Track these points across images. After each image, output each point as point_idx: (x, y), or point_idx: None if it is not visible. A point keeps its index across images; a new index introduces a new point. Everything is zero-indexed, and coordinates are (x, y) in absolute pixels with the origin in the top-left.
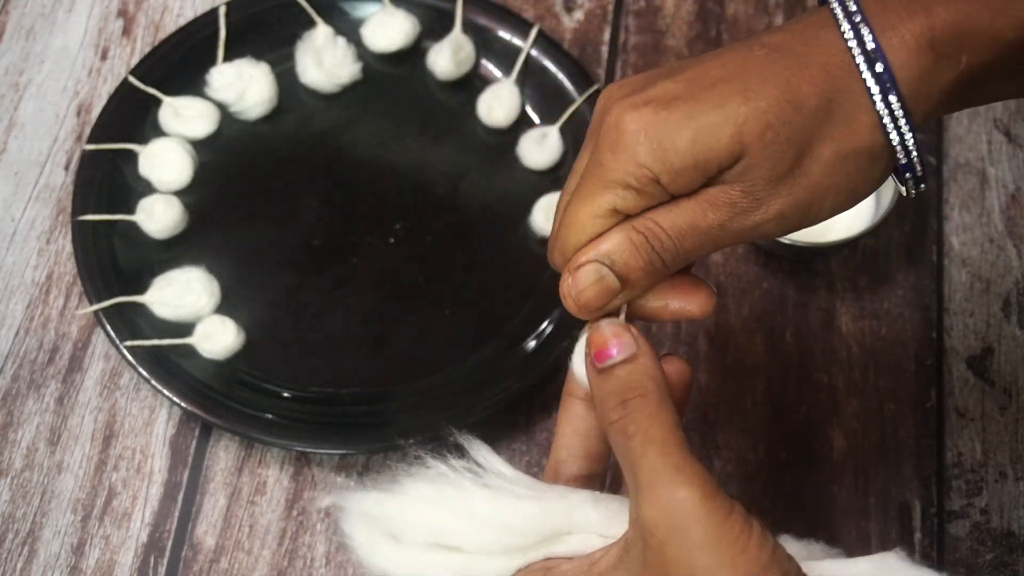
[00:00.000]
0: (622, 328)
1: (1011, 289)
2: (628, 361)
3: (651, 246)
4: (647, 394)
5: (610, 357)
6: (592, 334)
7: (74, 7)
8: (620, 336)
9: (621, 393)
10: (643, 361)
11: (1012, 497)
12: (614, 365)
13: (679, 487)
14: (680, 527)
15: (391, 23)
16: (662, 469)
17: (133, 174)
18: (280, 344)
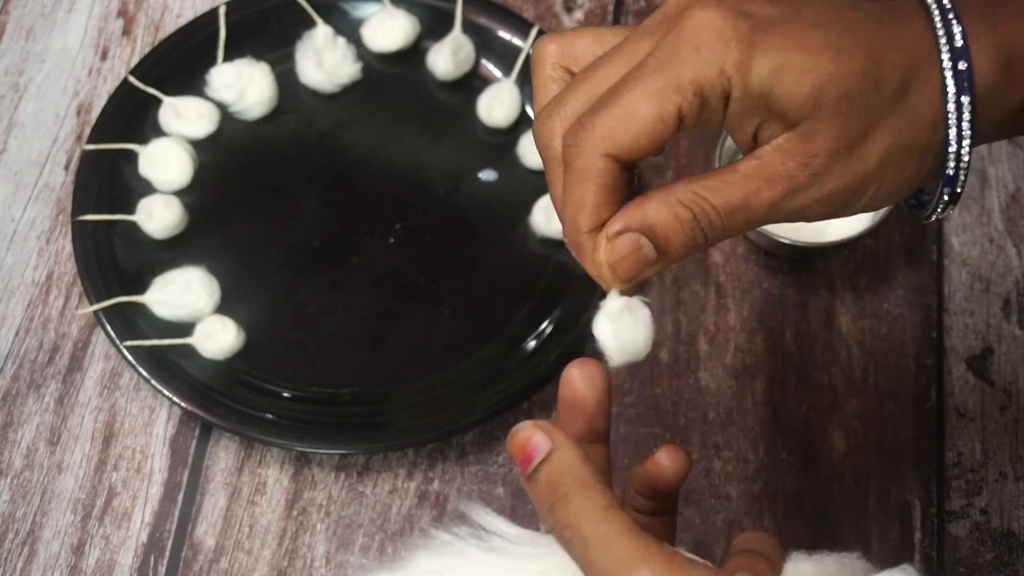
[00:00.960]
0: (533, 428)
1: (1011, 289)
2: (545, 461)
3: (698, 222)
4: (567, 492)
5: (531, 462)
6: (509, 442)
7: (74, 7)
8: (533, 436)
9: (546, 499)
10: (557, 455)
11: (1012, 497)
12: (536, 468)
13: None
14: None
15: (391, 23)
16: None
17: (133, 174)
18: (280, 344)
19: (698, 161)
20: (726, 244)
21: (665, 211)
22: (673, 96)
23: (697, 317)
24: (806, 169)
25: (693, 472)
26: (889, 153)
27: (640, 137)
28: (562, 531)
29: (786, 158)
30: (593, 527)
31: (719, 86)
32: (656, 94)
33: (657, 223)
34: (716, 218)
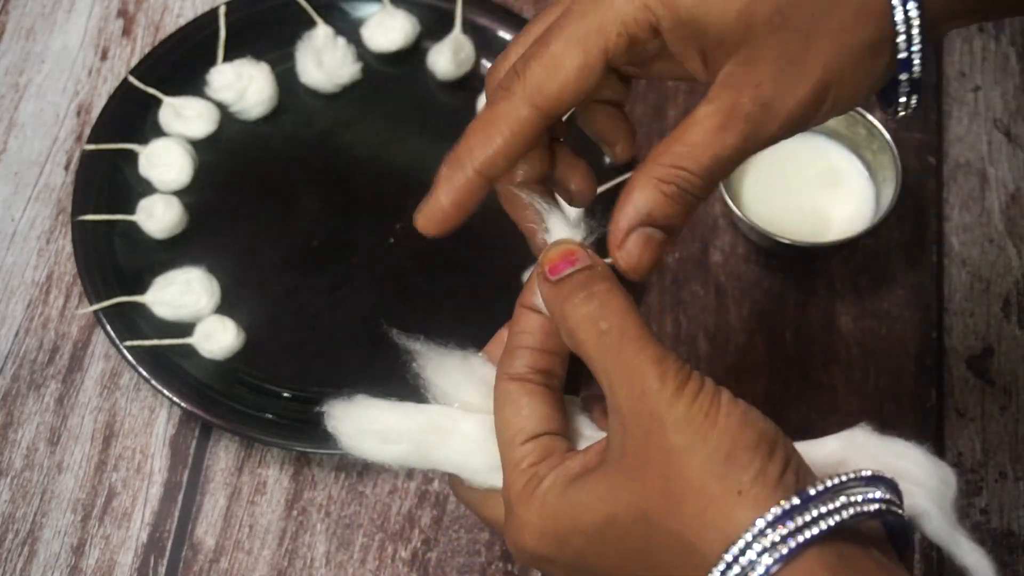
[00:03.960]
0: (576, 245)
1: (1011, 289)
2: (583, 270)
3: (685, 191)
4: (612, 288)
5: (562, 271)
6: (547, 253)
7: (74, 7)
8: (575, 252)
9: (585, 286)
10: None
11: (1012, 497)
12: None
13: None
14: (657, 416)
15: (391, 23)
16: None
17: (133, 174)
18: (280, 344)
19: None
20: (726, 244)
21: (653, 195)
22: (596, 40)
23: (697, 317)
24: (756, 101)
25: None
26: (838, 57)
27: (567, 87)
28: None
29: (735, 95)
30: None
31: (644, 20)
32: (580, 41)
33: (652, 209)
34: (699, 181)
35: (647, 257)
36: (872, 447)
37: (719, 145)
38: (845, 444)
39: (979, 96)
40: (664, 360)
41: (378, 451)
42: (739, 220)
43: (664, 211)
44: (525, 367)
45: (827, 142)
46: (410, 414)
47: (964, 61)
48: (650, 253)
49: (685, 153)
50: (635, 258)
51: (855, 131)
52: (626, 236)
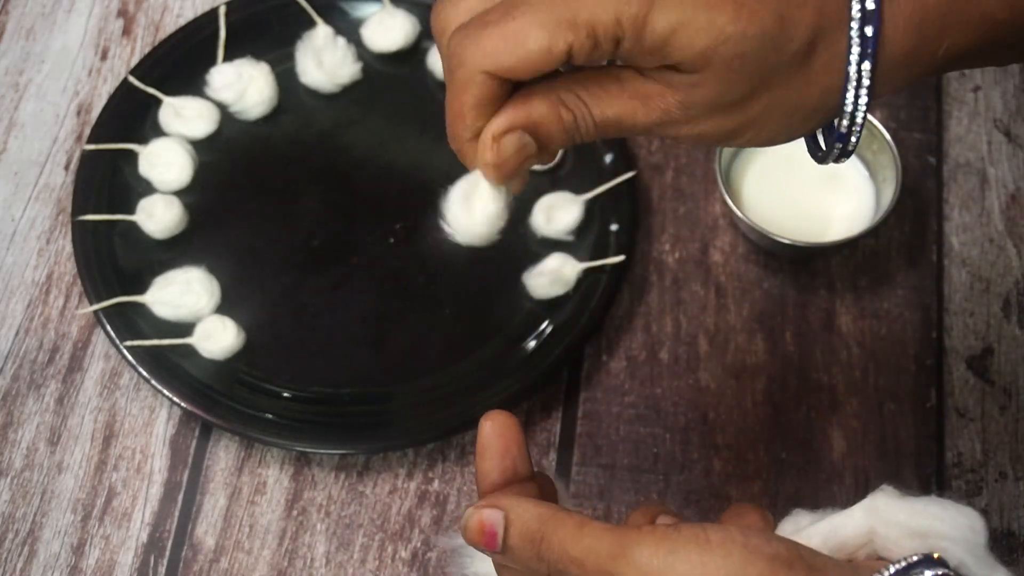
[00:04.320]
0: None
1: (1011, 289)
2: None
3: (577, 125)
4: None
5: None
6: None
7: (74, 7)
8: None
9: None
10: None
11: (1012, 497)
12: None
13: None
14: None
15: (391, 23)
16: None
17: (133, 174)
18: (280, 344)
19: (698, 161)
20: (726, 244)
21: (549, 111)
22: (566, 33)
23: (697, 317)
24: (683, 107)
25: (693, 472)
26: (774, 108)
27: (523, 62)
28: (557, 567)
29: (668, 93)
30: (575, 544)
31: (611, 32)
32: (548, 26)
33: (541, 123)
34: (592, 126)
35: (513, 161)
36: (896, 512)
37: (628, 112)
38: (869, 512)
39: (979, 96)
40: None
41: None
42: (739, 220)
43: (549, 129)
44: None
45: None
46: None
47: None
48: (517, 159)
49: (597, 96)
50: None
51: None
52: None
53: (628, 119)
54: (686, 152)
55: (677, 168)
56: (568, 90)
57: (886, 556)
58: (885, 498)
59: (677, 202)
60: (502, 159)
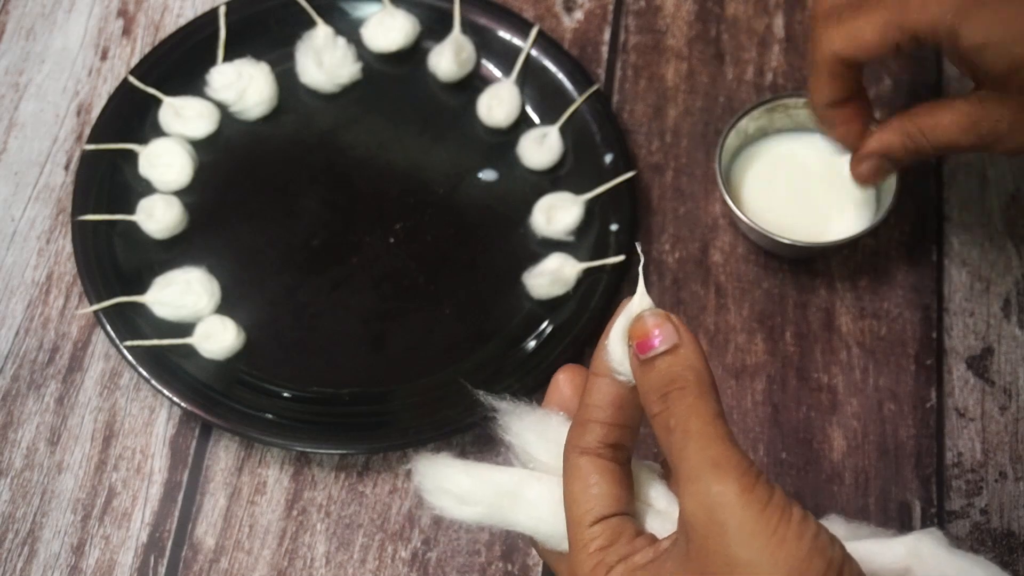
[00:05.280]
0: (663, 318)
1: (1011, 289)
2: (669, 352)
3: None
4: (686, 386)
5: (652, 348)
6: (635, 325)
7: (74, 7)
8: (662, 326)
9: (662, 386)
10: (684, 352)
11: (1012, 497)
12: (655, 356)
13: (715, 482)
14: (718, 520)
15: (391, 23)
16: (701, 463)
17: (133, 174)
18: (280, 344)
19: (698, 161)
20: (726, 244)
21: (899, 140)
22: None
23: (697, 317)
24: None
25: None
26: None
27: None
28: (667, 419)
29: (984, 114)
30: (700, 425)
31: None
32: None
33: (892, 149)
34: (928, 149)
35: (873, 176)
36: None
37: (955, 137)
38: (911, 551)
39: None
40: (726, 462)
41: (456, 511)
42: (739, 220)
43: (898, 154)
44: (596, 441)
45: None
46: (486, 478)
47: None
48: (876, 174)
49: (932, 127)
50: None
51: None
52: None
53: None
54: (686, 152)
55: (677, 168)
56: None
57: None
58: (931, 544)
59: (677, 202)
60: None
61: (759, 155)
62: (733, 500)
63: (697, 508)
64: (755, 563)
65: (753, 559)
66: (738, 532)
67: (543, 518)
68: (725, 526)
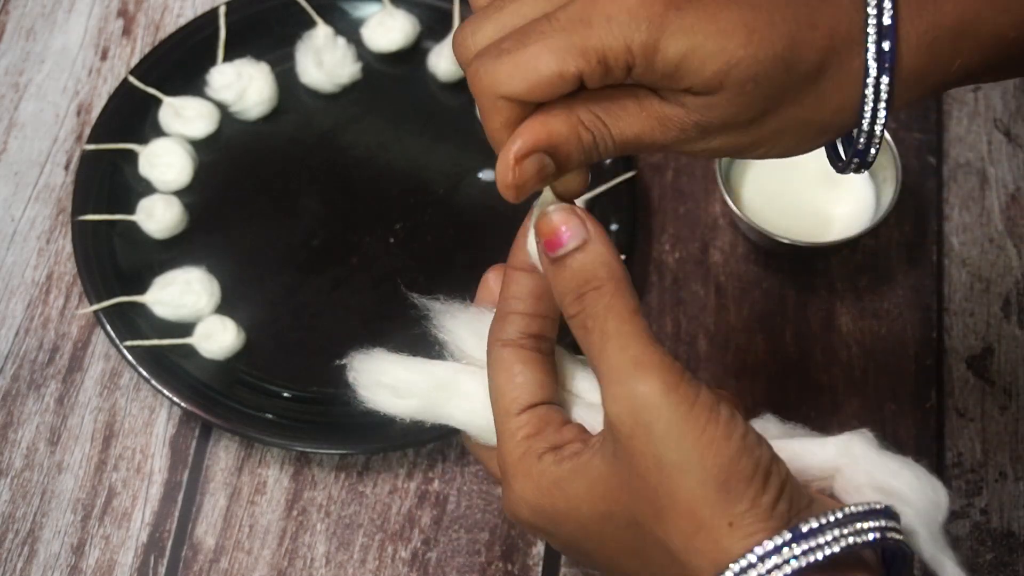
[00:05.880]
0: (569, 213)
1: (1011, 289)
2: (579, 249)
3: (596, 144)
4: (601, 285)
5: (561, 246)
6: (540, 222)
7: (74, 7)
8: (569, 222)
9: (576, 287)
10: (594, 248)
11: (1012, 497)
12: (566, 255)
13: (639, 382)
14: (643, 422)
15: (391, 23)
16: (621, 364)
17: (133, 174)
18: (280, 344)
19: (698, 161)
20: (726, 244)
21: (568, 131)
22: (576, 59)
23: (697, 317)
24: (699, 127)
25: None
26: (787, 125)
27: (536, 88)
28: (584, 320)
29: (684, 114)
30: (618, 324)
31: (622, 59)
32: (559, 52)
33: (560, 143)
34: (611, 144)
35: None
36: (868, 462)
37: (647, 131)
38: (842, 452)
39: (979, 96)
40: (648, 360)
41: (391, 404)
42: (739, 220)
43: (568, 149)
44: (517, 332)
45: None
46: (421, 370)
47: None
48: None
49: (616, 115)
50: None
51: None
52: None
53: (647, 138)
54: None
55: (677, 168)
56: (587, 110)
57: (841, 497)
58: (862, 444)
59: (677, 202)
60: (521, 181)
61: None
62: (658, 400)
63: (621, 410)
64: (683, 463)
65: (681, 460)
66: (665, 433)
67: (476, 411)
68: (651, 427)
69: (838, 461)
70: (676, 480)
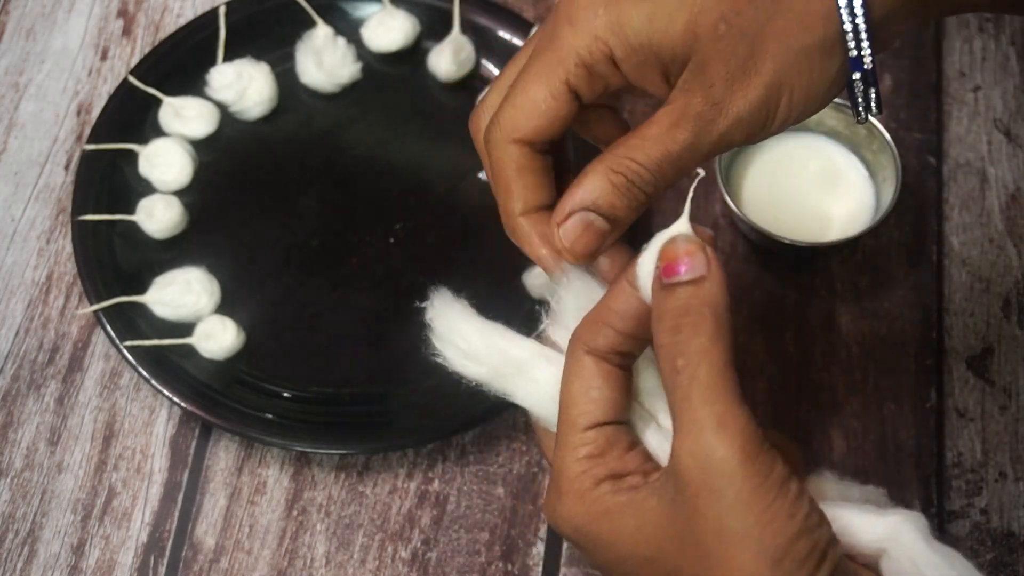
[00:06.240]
0: (697, 247)
1: (1011, 289)
2: (693, 283)
3: (632, 183)
4: (700, 323)
5: (677, 274)
6: (666, 246)
7: (74, 7)
8: (693, 255)
9: (676, 315)
10: (708, 286)
11: (1012, 497)
12: (679, 283)
13: (720, 444)
14: (714, 487)
15: (391, 23)
16: (704, 418)
17: (133, 174)
18: (280, 344)
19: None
20: (726, 244)
21: (601, 182)
22: (557, 72)
23: None
24: (708, 101)
25: None
26: (785, 58)
27: (539, 119)
28: (676, 356)
29: (688, 96)
30: (709, 373)
31: (598, 51)
32: (542, 75)
33: (598, 196)
34: (647, 175)
35: (584, 241)
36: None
37: (670, 140)
38: (891, 535)
39: (979, 96)
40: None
41: (460, 364)
42: (739, 220)
43: (609, 199)
44: (606, 345)
45: (827, 142)
46: (497, 344)
47: (964, 61)
48: (588, 238)
49: (637, 145)
50: (571, 239)
51: (855, 131)
52: (567, 217)
53: (672, 146)
54: None
55: None
56: (612, 155)
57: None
58: (912, 530)
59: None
60: (570, 241)
61: (759, 155)
62: (735, 469)
63: (695, 465)
64: (743, 535)
65: (743, 531)
66: (734, 502)
67: (542, 400)
68: (722, 493)
69: (886, 544)
70: (732, 550)
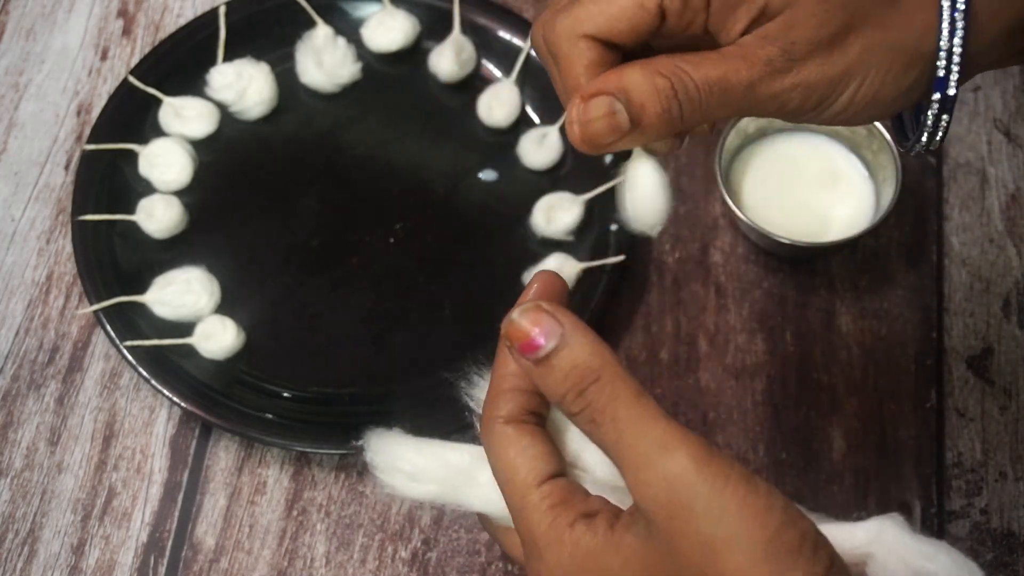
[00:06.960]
0: (537, 312)
1: (1011, 289)
2: (564, 346)
3: (674, 92)
4: (599, 377)
5: (539, 348)
6: (509, 329)
7: (74, 7)
8: (540, 322)
9: (574, 384)
10: (576, 341)
11: (1012, 497)
12: (548, 355)
13: (669, 462)
14: (682, 502)
15: (391, 23)
16: (645, 448)
17: (133, 174)
18: (280, 344)
19: (698, 161)
20: (726, 244)
21: (642, 78)
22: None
23: (697, 317)
24: (785, 55)
25: None
26: (873, 48)
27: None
28: (592, 415)
29: (766, 43)
30: (628, 410)
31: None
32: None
33: (633, 88)
34: (695, 91)
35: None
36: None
37: (732, 70)
38: (873, 538)
39: (979, 96)
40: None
41: (408, 489)
42: (739, 220)
43: (643, 98)
44: (518, 409)
45: (827, 142)
46: (438, 456)
47: None
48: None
49: (695, 61)
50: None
51: (855, 131)
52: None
53: (733, 76)
54: (686, 152)
55: (677, 168)
56: (666, 60)
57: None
58: (894, 528)
59: (677, 202)
60: (587, 118)
61: (759, 155)
62: (693, 478)
63: (656, 493)
64: (728, 538)
65: (727, 535)
66: (706, 509)
67: (492, 499)
68: (691, 506)
69: (869, 548)
70: (724, 557)
